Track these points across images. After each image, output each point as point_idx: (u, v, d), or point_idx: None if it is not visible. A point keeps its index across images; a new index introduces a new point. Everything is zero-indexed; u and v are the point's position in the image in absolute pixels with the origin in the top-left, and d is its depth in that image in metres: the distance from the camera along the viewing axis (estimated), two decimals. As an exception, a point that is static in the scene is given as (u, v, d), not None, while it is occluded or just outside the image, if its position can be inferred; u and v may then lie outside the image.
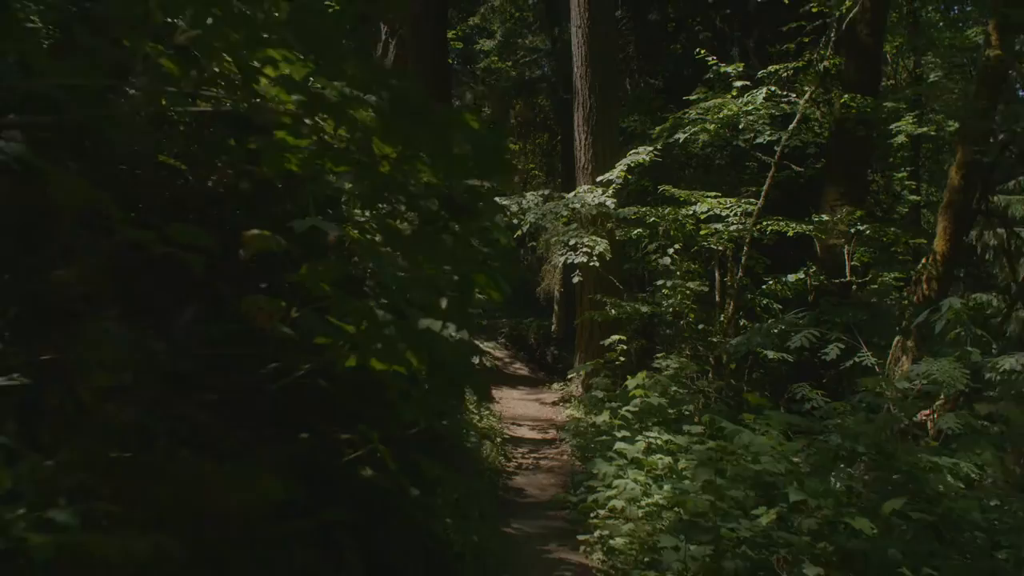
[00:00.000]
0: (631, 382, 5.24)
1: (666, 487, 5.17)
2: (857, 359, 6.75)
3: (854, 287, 11.36)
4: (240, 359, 1.95)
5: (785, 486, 3.97)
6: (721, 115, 9.03)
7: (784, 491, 3.95)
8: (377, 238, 1.95)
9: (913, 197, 15.82)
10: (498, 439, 7.87)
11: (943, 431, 5.74)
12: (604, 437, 5.40)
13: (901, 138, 17.17)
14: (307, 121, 1.75)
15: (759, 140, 8.92)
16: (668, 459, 5.37)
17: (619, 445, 5.04)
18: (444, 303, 1.76)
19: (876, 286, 10.98)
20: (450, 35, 24.87)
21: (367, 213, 2.12)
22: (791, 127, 9.18)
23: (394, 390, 2.03)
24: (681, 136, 9.26)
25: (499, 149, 1.86)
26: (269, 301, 1.73)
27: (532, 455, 8.12)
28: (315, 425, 2.18)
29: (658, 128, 9.45)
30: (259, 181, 2.23)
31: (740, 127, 9.34)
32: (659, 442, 5.64)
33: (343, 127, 1.79)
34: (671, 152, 13.82)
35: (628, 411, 5.25)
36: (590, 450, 7.04)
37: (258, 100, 1.87)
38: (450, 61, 25.48)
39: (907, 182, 17.19)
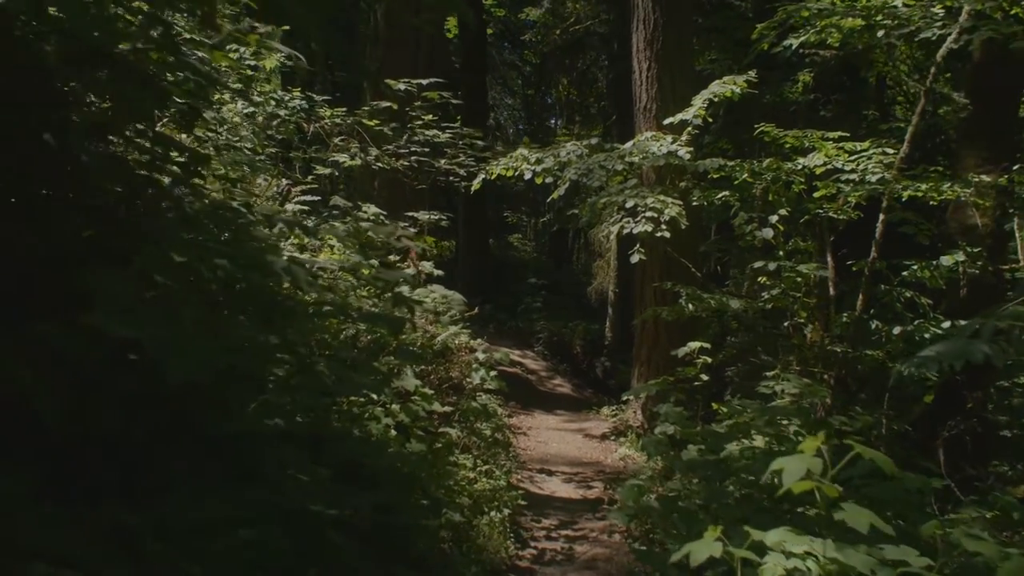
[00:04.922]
0: (784, 466, 2.01)
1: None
2: None
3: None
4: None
5: None
6: (860, 5, 5.85)
7: None
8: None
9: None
10: (506, 510, 4.82)
11: None
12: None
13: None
14: None
15: (925, 34, 5.69)
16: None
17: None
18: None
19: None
20: (489, 2, 22.16)
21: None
22: (961, 19, 5.92)
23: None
24: (793, 42, 6.09)
25: None
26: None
27: (563, 532, 5.06)
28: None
29: (759, 27, 6.28)
30: None
31: (881, 33, 6.16)
32: (803, 562, 2.54)
33: None
34: (762, 100, 10.63)
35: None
36: (658, 541, 3.96)
37: None
38: (489, 32, 22.76)
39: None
